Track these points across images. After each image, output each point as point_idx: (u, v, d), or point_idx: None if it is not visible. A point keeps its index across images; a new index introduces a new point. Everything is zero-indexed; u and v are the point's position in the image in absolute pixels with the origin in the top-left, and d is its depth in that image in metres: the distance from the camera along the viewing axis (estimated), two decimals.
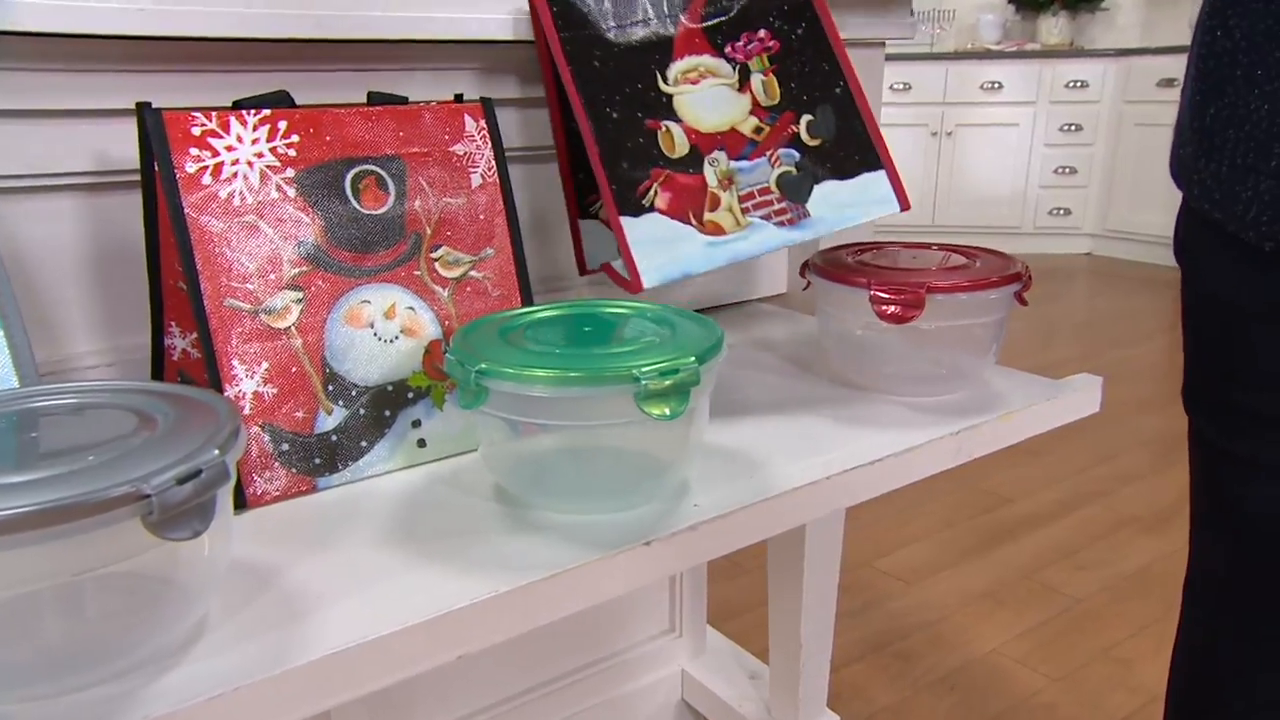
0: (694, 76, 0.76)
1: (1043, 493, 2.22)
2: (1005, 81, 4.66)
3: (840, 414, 0.75)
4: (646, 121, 0.74)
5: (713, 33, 0.77)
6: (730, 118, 0.76)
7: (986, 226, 4.83)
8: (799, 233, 0.75)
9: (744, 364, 0.88)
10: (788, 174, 0.76)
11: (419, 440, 0.66)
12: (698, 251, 0.72)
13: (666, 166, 0.73)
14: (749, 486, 0.62)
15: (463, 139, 0.70)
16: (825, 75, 0.79)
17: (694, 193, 0.74)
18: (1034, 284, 4.31)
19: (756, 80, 0.78)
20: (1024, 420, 0.74)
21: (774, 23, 0.79)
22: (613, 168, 0.72)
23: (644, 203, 0.72)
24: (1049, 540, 2.00)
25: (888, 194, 0.78)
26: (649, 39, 0.75)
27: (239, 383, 0.59)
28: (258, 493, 0.59)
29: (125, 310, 0.69)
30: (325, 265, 0.63)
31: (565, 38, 0.73)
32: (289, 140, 0.62)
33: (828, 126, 0.79)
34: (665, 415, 0.54)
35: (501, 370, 0.54)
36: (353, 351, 0.64)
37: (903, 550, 1.95)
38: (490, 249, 0.71)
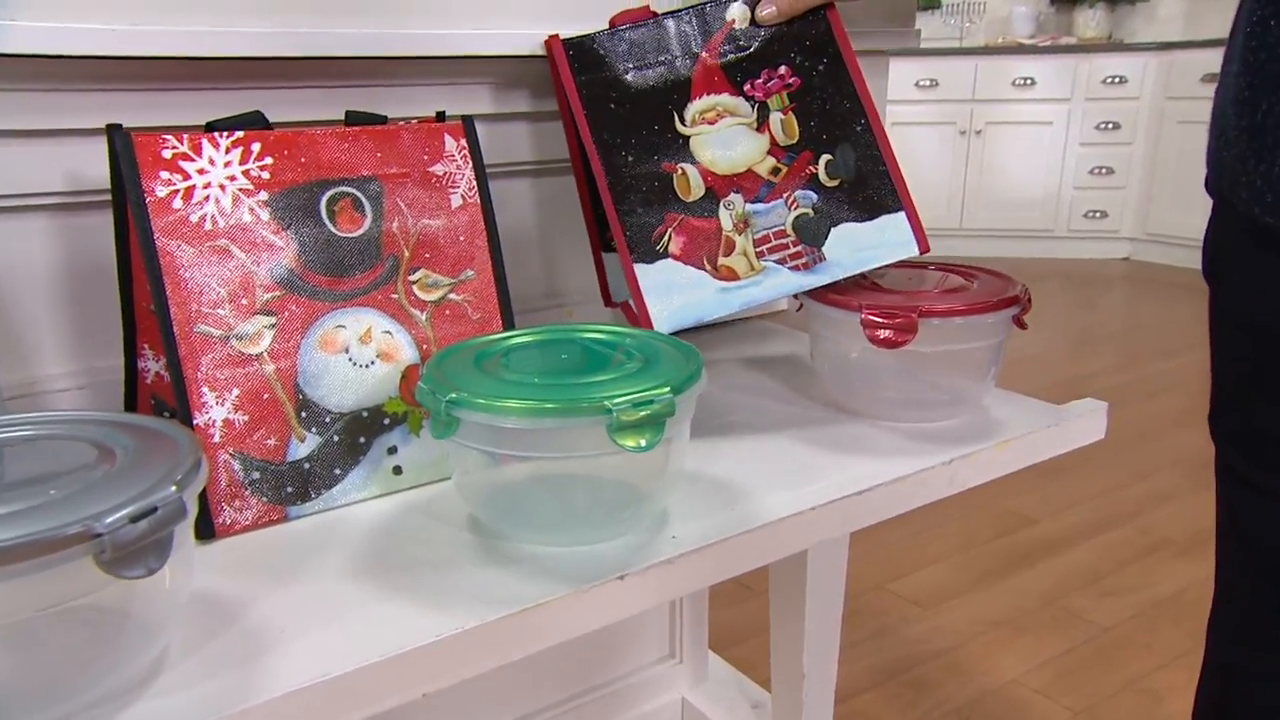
0: (712, 116, 0.78)
1: (1068, 513, 2.22)
2: (1038, 77, 4.66)
3: (830, 440, 0.76)
4: (663, 165, 0.76)
5: (732, 70, 0.79)
6: (747, 158, 0.78)
7: (1017, 230, 4.83)
8: (813, 277, 0.77)
9: (735, 385, 0.89)
10: (804, 216, 0.78)
11: (395, 467, 0.68)
12: (710, 297, 0.75)
13: (681, 210, 0.76)
14: (729, 518, 0.64)
15: (442, 159, 0.72)
16: (846, 113, 0.80)
17: (708, 237, 0.76)
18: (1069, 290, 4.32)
19: (775, 119, 0.79)
20: (1022, 448, 0.75)
21: (795, 58, 0.80)
22: (627, 214, 0.75)
23: (658, 248, 0.75)
24: (1074, 564, 2.00)
25: (907, 236, 0.79)
26: (667, 78, 0.78)
27: (209, 410, 0.61)
28: (227, 522, 0.61)
29: (98, 332, 0.71)
30: (299, 289, 0.65)
31: (581, 81, 0.76)
32: (262, 163, 0.64)
33: (847, 166, 0.80)
34: (639, 447, 0.56)
35: (474, 401, 0.56)
36: (327, 377, 0.66)
37: (918, 573, 1.96)
38: (470, 271, 0.73)
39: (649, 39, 0.78)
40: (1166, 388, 3.02)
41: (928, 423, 0.78)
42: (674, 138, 0.77)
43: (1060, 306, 4.01)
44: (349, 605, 0.54)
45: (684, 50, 0.78)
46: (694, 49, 0.79)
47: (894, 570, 1.97)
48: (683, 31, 0.79)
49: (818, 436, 0.77)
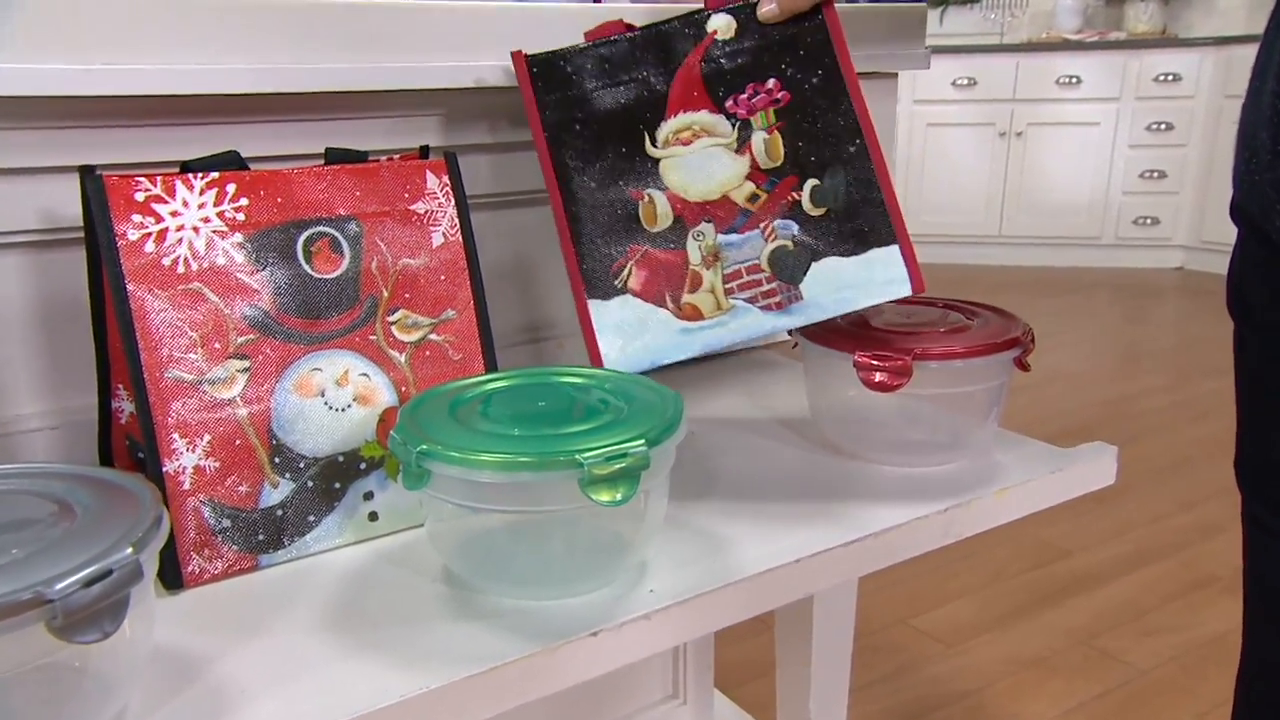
0: (686, 136, 0.77)
1: (1107, 545, 2.21)
2: (1085, 75, 4.65)
3: (822, 485, 0.78)
4: (629, 190, 0.75)
5: (714, 84, 0.78)
6: (723, 183, 0.77)
7: (1061, 237, 4.81)
8: (786, 319, 0.75)
9: (729, 423, 0.91)
10: (782, 249, 0.76)
11: (370, 513, 0.71)
12: (668, 339, 0.74)
13: (645, 242, 0.75)
14: (710, 569, 0.66)
15: (424, 197, 0.74)
16: (839, 132, 0.78)
17: (672, 271, 0.75)
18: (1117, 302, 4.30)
19: (758, 139, 0.77)
20: (1022, 496, 0.77)
21: (786, 70, 0.78)
22: (584, 244, 0.74)
23: (616, 283, 0.74)
24: (1112, 600, 2.00)
25: (900, 274, 0.75)
26: (640, 96, 0.77)
27: (179, 457, 0.63)
28: (195, 572, 0.63)
29: (72, 370, 0.74)
30: (274, 333, 0.68)
31: (545, 100, 0.75)
32: (238, 204, 0.67)
33: (836, 193, 0.77)
34: (614, 501, 0.58)
35: (445, 454, 0.58)
36: (301, 421, 0.68)
37: (943, 607, 1.97)
38: (451, 311, 0.75)
39: (621, 54, 0.77)
40: (1217, 409, 3.00)
41: (926, 467, 0.80)
42: (642, 161, 0.76)
43: (1106, 320, 4.00)
44: (314, 662, 0.56)
45: (660, 66, 0.77)
46: (672, 64, 0.77)
47: (916, 604, 1.98)
48: (660, 46, 0.77)
49: (810, 481, 0.79)
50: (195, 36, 0.70)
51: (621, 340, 0.73)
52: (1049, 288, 4.51)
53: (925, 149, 4.89)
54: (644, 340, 0.74)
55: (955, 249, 4.98)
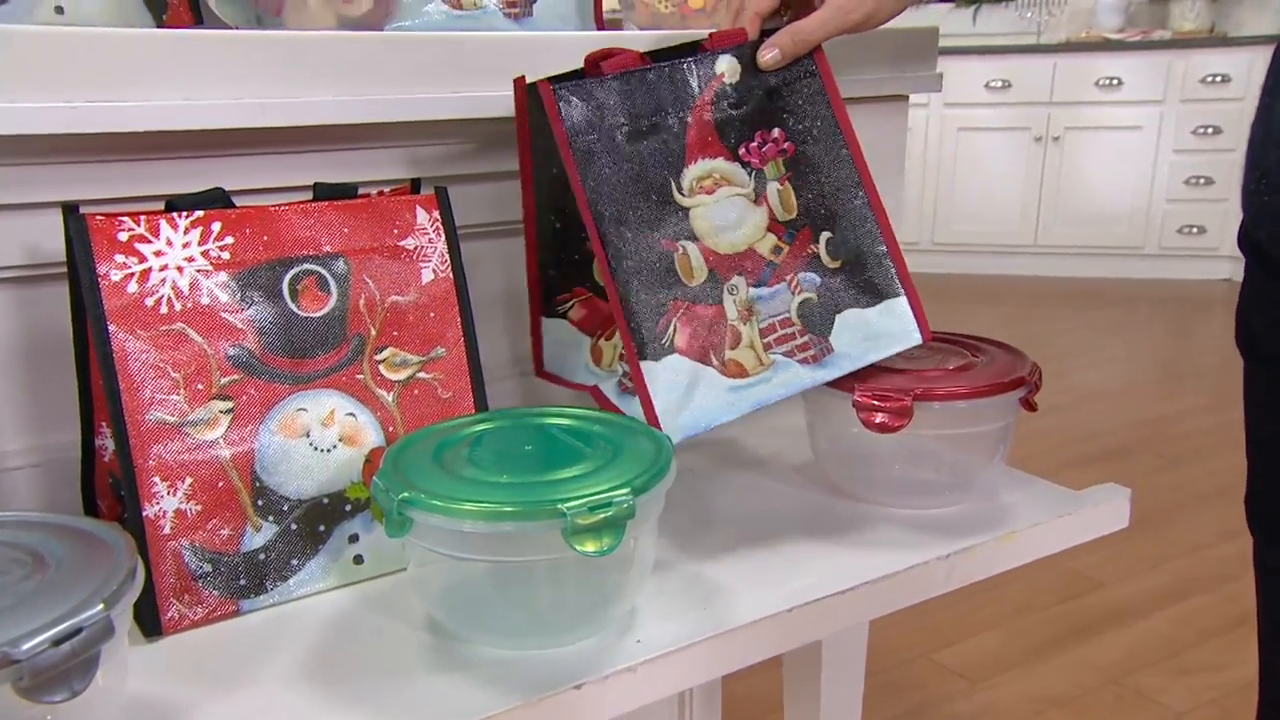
0: (709, 185, 0.78)
1: (1143, 576, 2.21)
2: (1126, 77, 4.64)
3: (822, 528, 0.79)
4: (662, 242, 0.75)
5: (725, 130, 0.79)
6: (748, 236, 0.78)
7: (1100, 247, 4.80)
8: (824, 372, 0.77)
9: (729, 459, 0.93)
10: (808, 301, 0.78)
11: (355, 556, 0.73)
12: (720, 399, 0.75)
13: (684, 297, 0.75)
14: (701, 618, 0.67)
15: (413, 233, 0.76)
16: (842, 185, 0.81)
17: (714, 327, 0.76)
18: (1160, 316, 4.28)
19: (772, 190, 0.79)
20: (1029, 540, 0.78)
21: (787, 119, 0.80)
22: (632, 302, 0.74)
23: (664, 342, 0.74)
24: (1147, 636, 1.99)
25: (909, 325, 0.80)
26: (663, 139, 0.77)
27: (159, 501, 0.65)
28: (174, 618, 0.65)
29: (56, 406, 0.77)
30: (258, 373, 0.70)
31: (575, 137, 0.74)
32: (223, 242, 0.69)
33: (847, 245, 0.80)
34: (599, 551, 0.60)
35: (428, 503, 0.60)
36: (286, 463, 0.70)
37: (968, 641, 1.97)
38: (441, 348, 0.77)
39: (639, 90, 0.76)
40: None
41: (929, 509, 0.81)
42: (673, 210, 0.76)
43: (1149, 334, 3.98)
44: (292, 716, 0.58)
45: (676, 106, 0.78)
46: (686, 104, 0.78)
47: (939, 637, 1.98)
48: (673, 83, 0.78)
49: (809, 523, 0.80)
50: (179, 72, 0.72)
51: (676, 403, 0.73)
52: (1087, 300, 4.49)
53: (956, 154, 4.89)
54: (697, 402, 0.74)
55: (988, 259, 4.97)
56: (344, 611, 0.69)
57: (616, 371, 0.82)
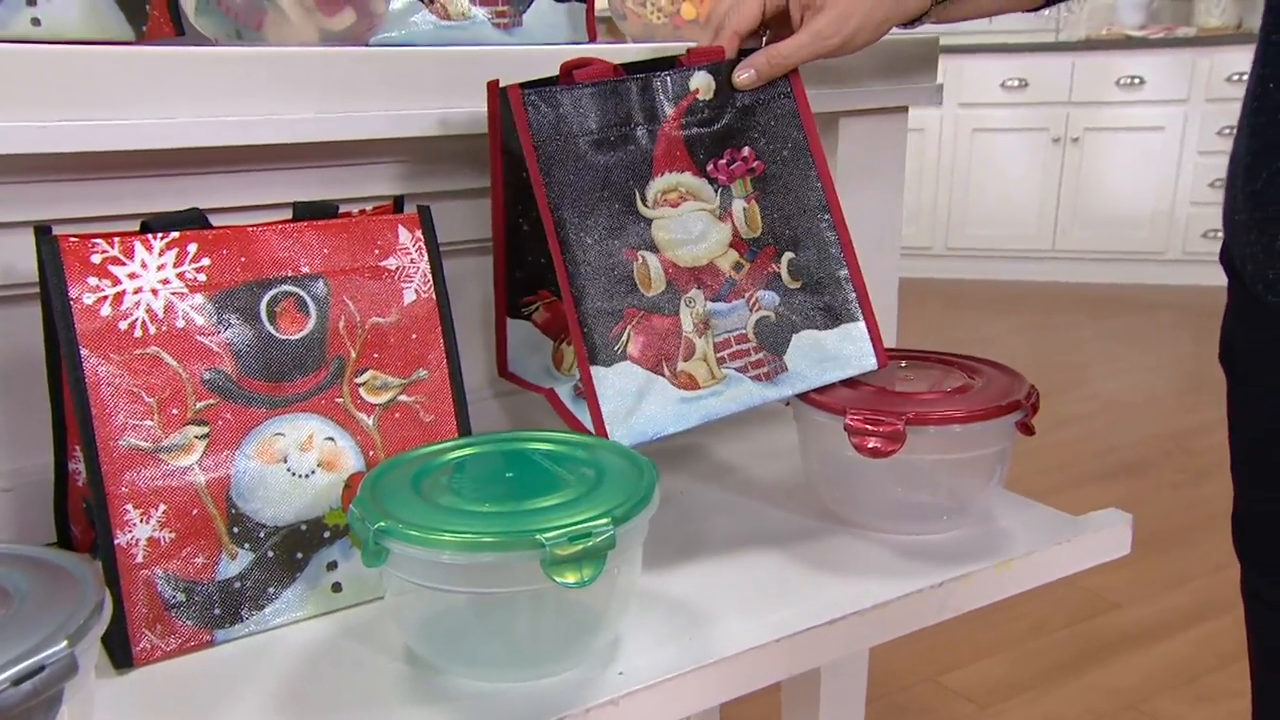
0: (674, 198, 0.81)
1: (1162, 596, 2.21)
2: (1149, 75, 4.64)
3: (813, 554, 0.80)
4: (623, 251, 0.78)
5: (694, 146, 0.82)
6: (710, 250, 0.81)
7: (1120, 252, 4.79)
8: (775, 389, 0.81)
9: (720, 480, 0.94)
10: (765, 319, 0.82)
11: (334, 584, 0.74)
12: (670, 409, 0.78)
13: (641, 306, 0.78)
14: (687, 649, 0.68)
15: (395, 252, 0.77)
16: (809, 207, 0.84)
17: (668, 338, 0.79)
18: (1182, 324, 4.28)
19: (738, 207, 0.83)
20: (1026, 568, 0.79)
21: (759, 140, 0.84)
22: (587, 307, 0.76)
23: (616, 349, 0.77)
24: (1165, 659, 1.99)
25: (865, 349, 0.83)
26: (630, 149, 0.80)
27: (132, 529, 0.66)
28: (146, 649, 0.67)
29: (28, 429, 0.78)
30: (234, 397, 0.71)
31: (541, 142, 0.76)
32: (199, 264, 0.70)
33: (809, 267, 0.84)
34: (579, 583, 0.61)
35: (404, 533, 0.61)
36: (262, 489, 0.71)
37: (978, 664, 1.97)
38: (423, 370, 0.78)
39: (610, 101, 0.79)
40: None
41: (924, 534, 0.81)
42: (636, 219, 0.79)
43: (1171, 343, 3.98)
44: None
45: (646, 118, 0.80)
46: (657, 118, 0.81)
47: (946, 659, 1.98)
48: (645, 96, 0.80)
49: (800, 549, 0.81)
50: (155, 90, 0.73)
51: (625, 410, 0.76)
52: (1107, 308, 4.49)
53: (971, 156, 4.89)
54: (646, 410, 0.77)
55: (1003, 264, 4.97)
56: (322, 641, 0.70)
57: (574, 376, 0.85)
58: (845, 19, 0.81)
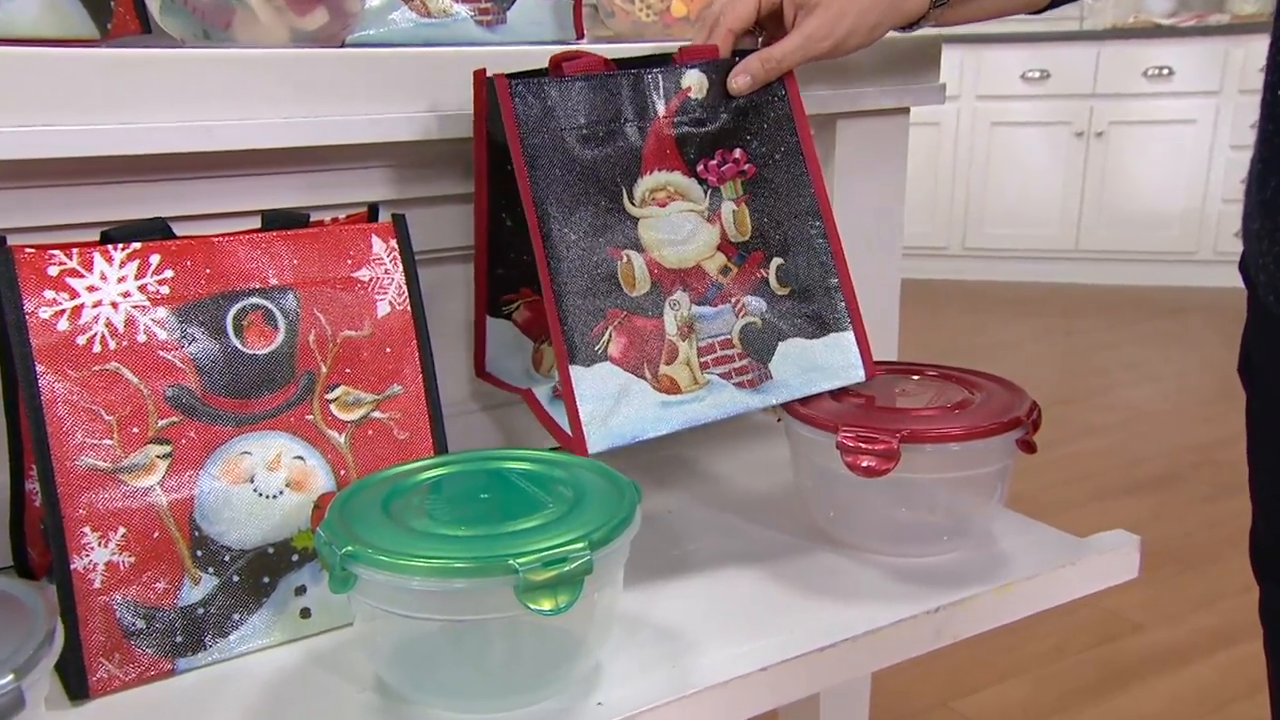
0: (662, 198, 0.83)
1: (1189, 618, 2.20)
2: (1178, 66, 4.64)
3: (804, 577, 0.81)
4: (608, 249, 0.80)
5: (685, 145, 0.84)
6: (697, 252, 0.83)
7: (1148, 253, 4.79)
8: (759, 397, 0.82)
9: (710, 499, 0.94)
10: (751, 326, 0.83)
11: (302, 610, 0.74)
12: (650, 412, 0.79)
13: (624, 306, 0.80)
14: (668, 678, 0.69)
15: (368, 263, 0.78)
16: (800, 213, 0.86)
17: (651, 340, 0.80)
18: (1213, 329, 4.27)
19: (727, 209, 0.84)
20: (1027, 593, 0.79)
21: (751, 142, 0.85)
22: (567, 304, 0.78)
23: (596, 349, 0.78)
24: (1192, 684, 1.99)
25: (853, 360, 0.85)
26: (619, 146, 0.81)
27: (89, 553, 0.67)
28: (103, 679, 0.67)
29: None
30: (198, 415, 0.72)
31: (528, 134, 0.78)
32: (162, 276, 0.71)
33: (798, 274, 0.85)
34: (554, 610, 0.61)
35: (373, 557, 0.62)
36: (228, 510, 0.72)
37: (993, 688, 1.97)
38: (398, 386, 0.79)
39: (600, 95, 0.81)
40: None
41: (922, 557, 0.82)
42: (622, 218, 0.81)
43: (1201, 349, 3.98)
44: None
45: (636, 115, 0.82)
46: (648, 115, 0.82)
47: (961, 683, 1.98)
48: (636, 92, 0.82)
49: (791, 571, 0.82)
50: (117, 93, 0.74)
51: (604, 412, 0.77)
52: (1133, 311, 4.49)
53: (990, 152, 4.90)
54: (625, 413, 0.78)
55: (1024, 265, 4.97)
56: (288, 669, 0.71)
57: (554, 378, 0.87)
58: (837, 20, 0.82)
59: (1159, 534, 2.51)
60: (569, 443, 0.78)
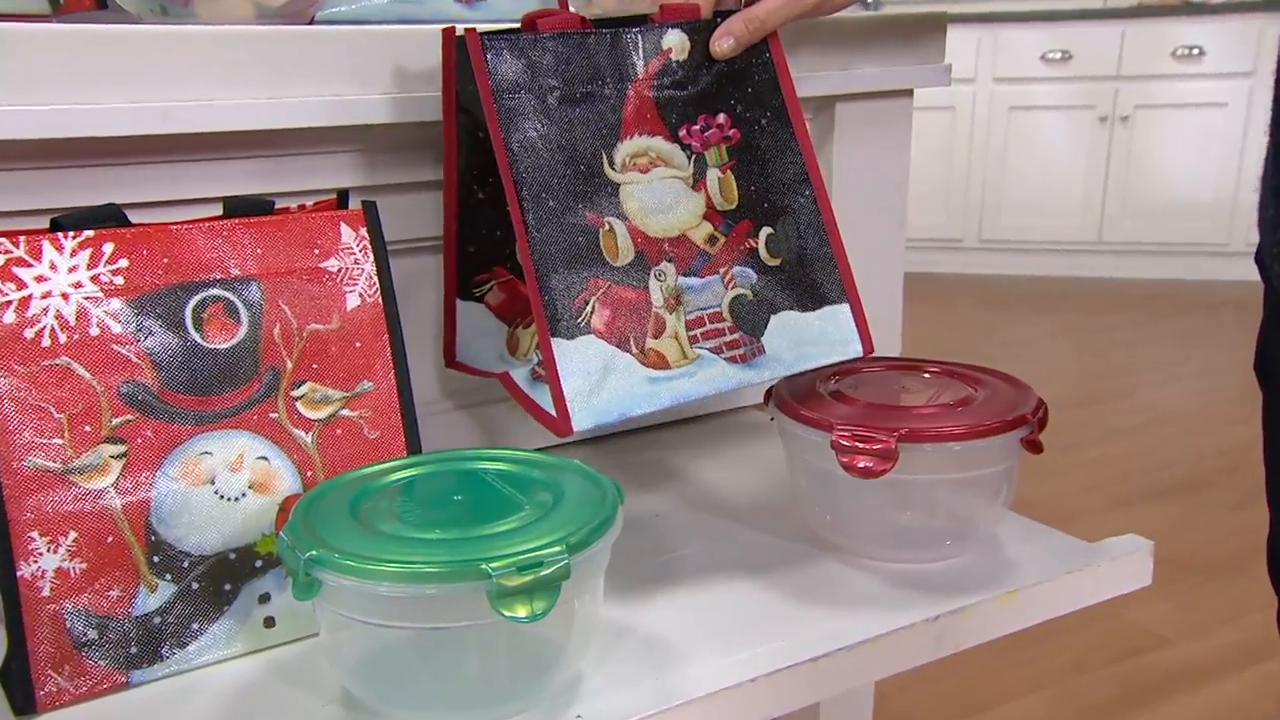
0: (644, 163, 0.83)
1: (1216, 631, 2.21)
2: (1209, 45, 4.65)
3: (799, 584, 0.81)
4: (588, 216, 0.80)
5: (667, 109, 0.84)
6: (681, 221, 0.83)
7: (1177, 244, 4.80)
8: (752, 372, 0.82)
9: (700, 502, 0.95)
10: (742, 298, 0.84)
11: (266, 619, 0.75)
12: (637, 388, 0.79)
13: (607, 276, 0.80)
14: (652, 689, 0.69)
15: (337, 253, 0.79)
16: (789, 180, 0.87)
17: (637, 312, 0.80)
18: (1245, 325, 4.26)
19: (712, 177, 0.85)
20: (1033, 601, 0.80)
21: (735, 106, 0.86)
22: (547, 274, 0.78)
23: (579, 321, 0.79)
24: (1220, 701, 1.99)
25: (849, 334, 0.86)
26: (598, 109, 0.82)
27: (38, 559, 0.68)
28: (52, 693, 0.68)
29: None
30: (155, 412, 0.72)
31: (502, 96, 0.78)
32: (116, 265, 0.72)
33: (788, 244, 0.86)
34: (530, 616, 0.62)
35: (338, 562, 0.62)
36: (187, 514, 0.72)
37: (1010, 705, 1.98)
38: (368, 382, 0.79)
39: (577, 54, 0.81)
40: None
41: (921, 562, 0.83)
42: (603, 184, 0.81)
43: (1231, 347, 3.99)
44: None
45: (615, 76, 0.83)
46: (627, 77, 0.83)
47: (977, 699, 1.99)
48: (615, 51, 0.83)
49: (784, 578, 0.82)
50: (68, 72, 0.75)
51: (588, 387, 0.77)
52: (1160, 306, 4.50)
53: (1008, 137, 4.91)
54: (611, 389, 0.78)
55: (1045, 258, 4.98)
56: (249, 681, 0.71)
57: (531, 360, 0.87)
58: None
59: (1184, 543, 2.52)
60: (552, 423, 0.78)
